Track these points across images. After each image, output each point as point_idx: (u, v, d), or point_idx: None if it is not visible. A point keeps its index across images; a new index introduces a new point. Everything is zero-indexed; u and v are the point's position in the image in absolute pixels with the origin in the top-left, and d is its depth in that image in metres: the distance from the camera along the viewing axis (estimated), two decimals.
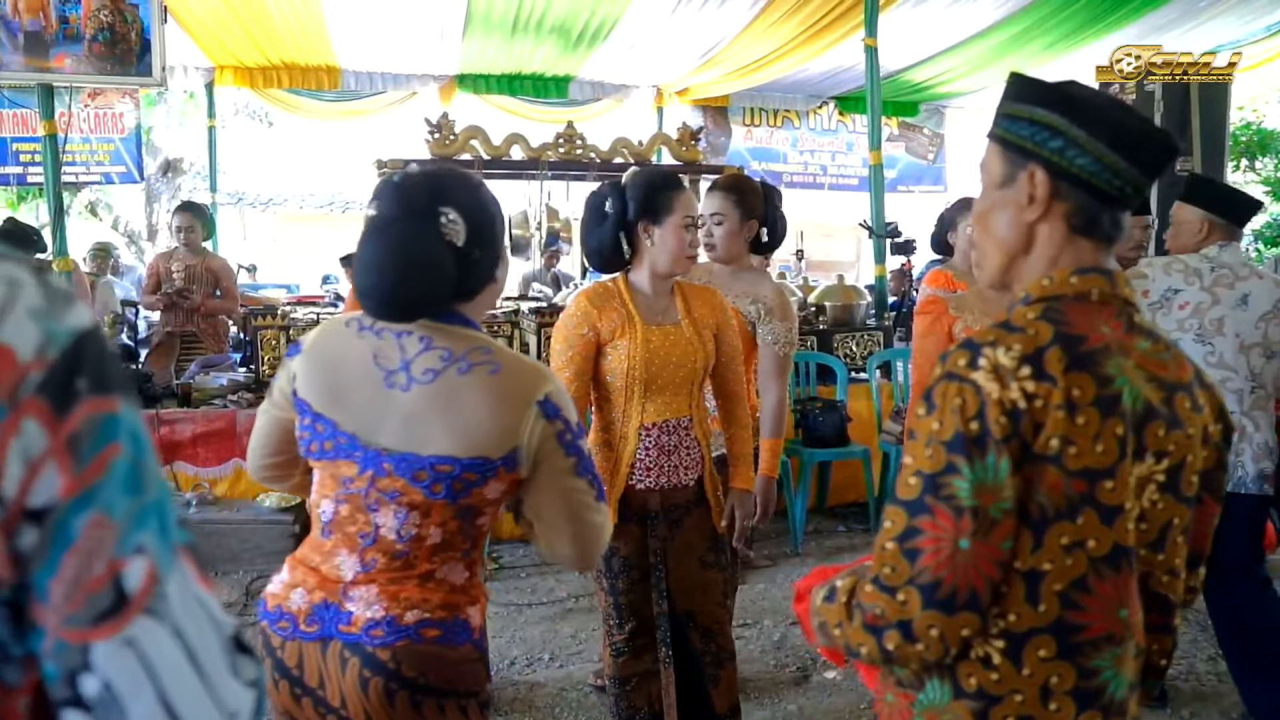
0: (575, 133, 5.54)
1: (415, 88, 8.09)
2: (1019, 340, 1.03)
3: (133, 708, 0.58)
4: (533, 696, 3.03)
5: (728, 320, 2.36)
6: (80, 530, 0.58)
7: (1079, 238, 1.10)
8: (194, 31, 6.50)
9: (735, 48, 7.03)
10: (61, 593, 0.57)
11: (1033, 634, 1.03)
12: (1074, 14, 6.25)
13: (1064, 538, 1.02)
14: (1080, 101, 1.09)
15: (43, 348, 0.57)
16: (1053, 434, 1.00)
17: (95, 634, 0.58)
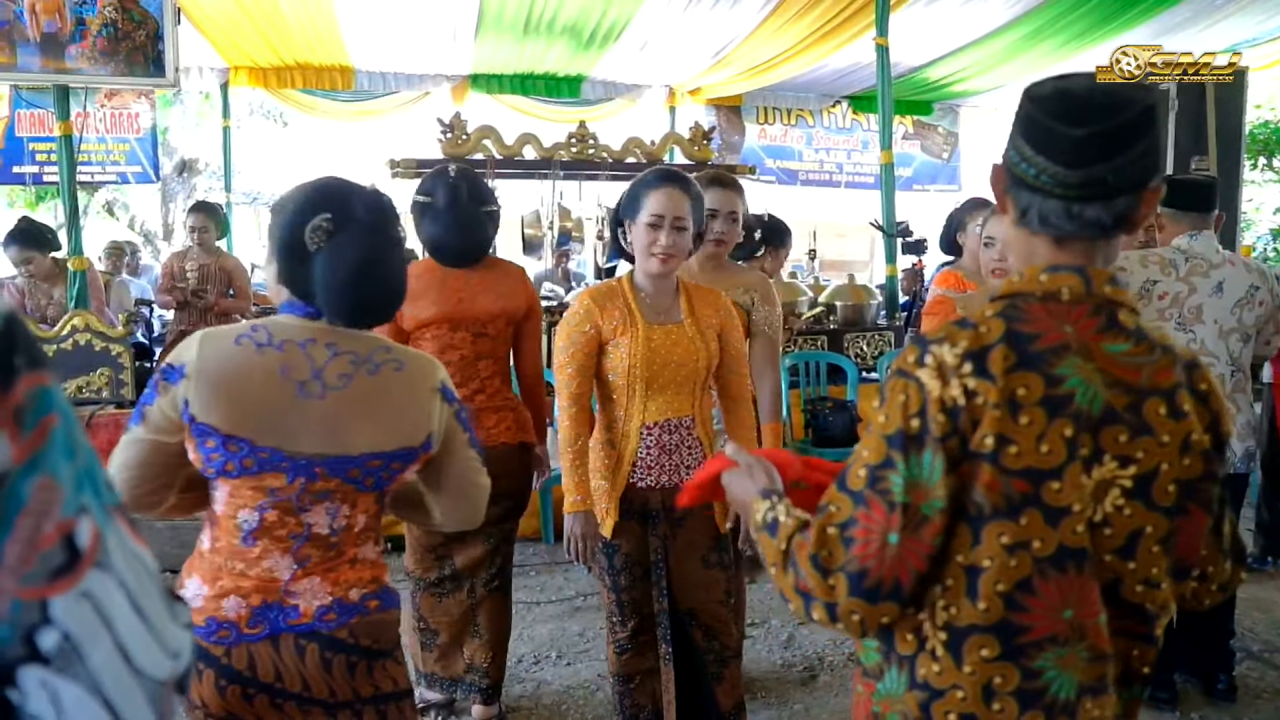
0: (587, 132, 5.56)
1: (428, 88, 8.13)
2: (967, 337, 1.04)
3: (92, 654, 0.62)
4: (540, 694, 3.04)
5: (732, 322, 2.36)
6: (30, 494, 0.61)
7: (1036, 235, 1.11)
8: (209, 33, 6.55)
9: (747, 47, 7.03)
10: (17, 553, 0.60)
11: (974, 631, 1.05)
12: (1087, 13, 6.22)
13: (1004, 536, 1.02)
14: (1024, 98, 1.11)
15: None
16: (988, 432, 1.01)
17: (52, 589, 0.61)
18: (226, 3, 5.96)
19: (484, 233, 2.67)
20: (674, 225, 2.19)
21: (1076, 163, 1.06)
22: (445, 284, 2.61)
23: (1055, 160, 1.07)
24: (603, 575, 2.34)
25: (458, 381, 2.57)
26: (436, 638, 2.73)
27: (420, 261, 2.70)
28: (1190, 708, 2.93)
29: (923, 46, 6.93)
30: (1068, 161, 1.06)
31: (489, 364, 2.66)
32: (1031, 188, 1.09)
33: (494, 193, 2.79)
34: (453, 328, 2.61)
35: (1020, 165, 1.09)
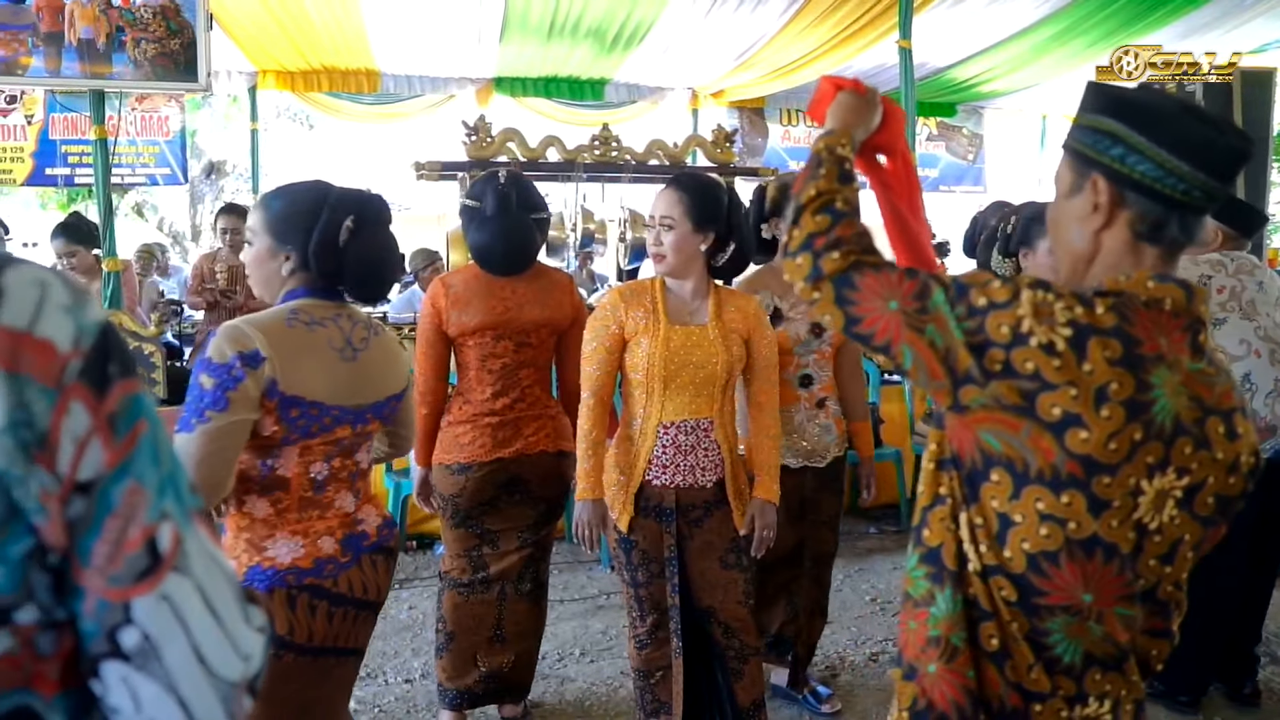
0: (611, 135, 5.58)
1: (453, 90, 8.18)
2: (1084, 309, 1.04)
3: (167, 654, 0.65)
4: (564, 691, 3.08)
5: (762, 330, 2.37)
6: (119, 498, 0.65)
7: (1144, 245, 1.11)
8: (238, 37, 6.64)
9: (770, 50, 7.04)
10: (104, 555, 0.64)
11: (998, 571, 1.10)
12: (1115, 13, 6.17)
13: (1040, 503, 1.06)
14: (1143, 107, 1.09)
15: (77, 339, 0.64)
16: (1059, 404, 1.02)
17: (135, 591, 0.65)
18: (256, 8, 6.03)
19: (532, 242, 2.63)
20: (662, 224, 2.28)
21: (1225, 179, 1.08)
22: (491, 292, 2.58)
23: (1212, 176, 1.07)
24: (621, 570, 2.38)
25: (499, 389, 2.61)
26: (451, 641, 2.68)
27: (467, 267, 2.67)
28: (1213, 711, 2.92)
29: (947, 48, 6.91)
30: (1220, 178, 1.08)
31: (530, 372, 2.64)
32: (1166, 200, 1.08)
33: (545, 199, 2.74)
34: (496, 337, 2.59)
35: (1167, 180, 1.07)
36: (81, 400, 0.63)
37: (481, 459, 2.57)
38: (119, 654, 0.65)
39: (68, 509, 0.63)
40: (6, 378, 0.60)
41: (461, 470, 2.57)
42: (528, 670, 2.79)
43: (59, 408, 0.62)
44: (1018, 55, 7.19)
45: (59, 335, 0.63)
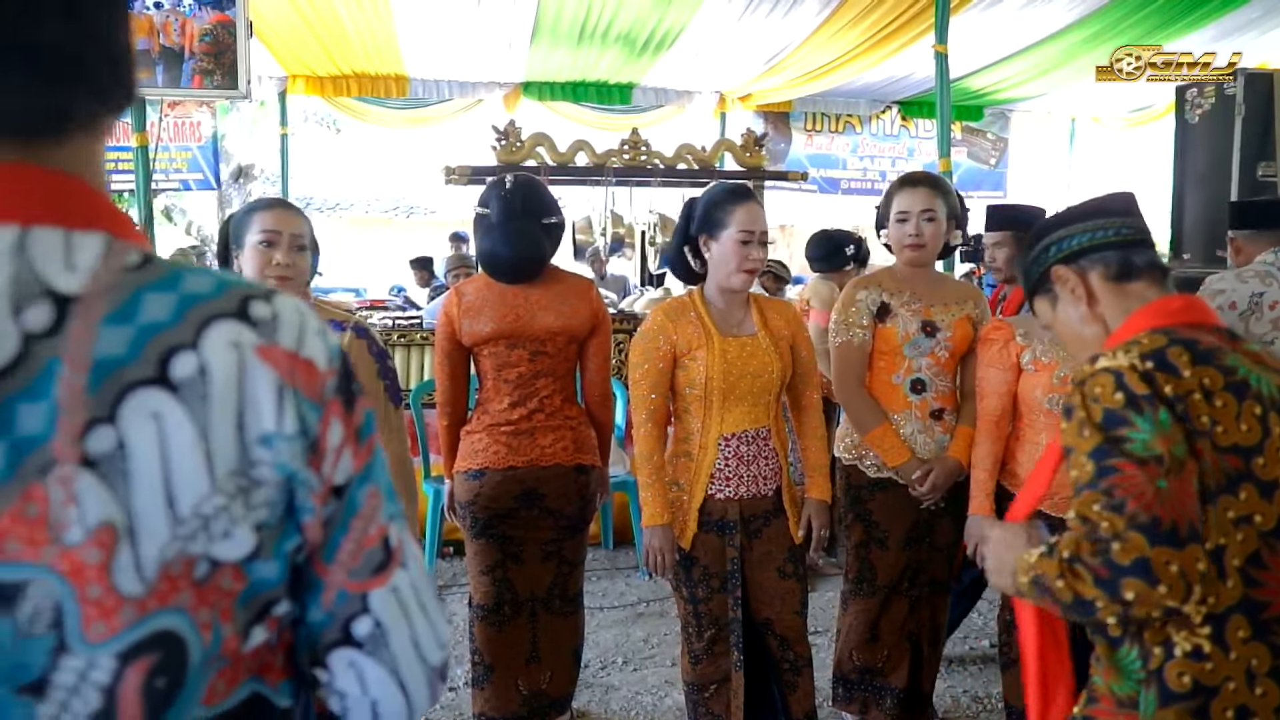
0: (640, 139, 5.59)
1: (481, 95, 8.21)
2: (1139, 346, 1.13)
3: (393, 640, 0.74)
4: (609, 700, 3.07)
5: (803, 334, 2.40)
6: (363, 500, 0.73)
7: (1126, 284, 1.27)
8: (270, 43, 6.69)
9: (800, 54, 7.02)
10: (349, 551, 0.72)
11: (1231, 612, 1.07)
12: (1149, 15, 6.12)
13: (1230, 511, 1.07)
14: (1051, 221, 1.34)
15: (330, 360, 0.71)
16: (1199, 412, 1.08)
17: (372, 584, 0.73)
18: (289, 14, 6.08)
19: (538, 248, 2.55)
20: (760, 240, 2.29)
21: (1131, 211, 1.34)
22: (503, 300, 2.53)
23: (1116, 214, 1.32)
24: (679, 586, 2.35)
25: (515, 399, 2.55)
26: (491, 673, 2.63)
27: (478, 275, 2.64)
28: None
29: (978, 51, 6.87)
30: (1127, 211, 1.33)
31: (548, 382, 2.57)
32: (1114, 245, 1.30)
33: (557, 204, 2.66)
34: (510, 345, 2.54)
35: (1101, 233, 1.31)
36: (337, 414, 0.71)
37: (494, 465, 2.53)
38: (351, 641, 0.73)
39: (325, 509, 0.71)
40: (290, 392, 0.68)
41: (475, 476, 2.55)
42: (569, 682, 2.76)
43: (324, 420, 0.70)
44: (1051, 57, 7.13)
45: (319, 356, 0.70)
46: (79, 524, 0.61)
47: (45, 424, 0.61)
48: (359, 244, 14.62)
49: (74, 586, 0.62)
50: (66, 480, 0.61)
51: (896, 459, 2.51)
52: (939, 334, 2.61)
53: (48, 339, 0.62)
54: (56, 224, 0.65)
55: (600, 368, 2.68)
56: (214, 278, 0.69)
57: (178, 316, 0.65)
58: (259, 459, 0.66)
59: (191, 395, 0.64)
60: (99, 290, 0.64)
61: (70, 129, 0.66)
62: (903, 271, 2.63)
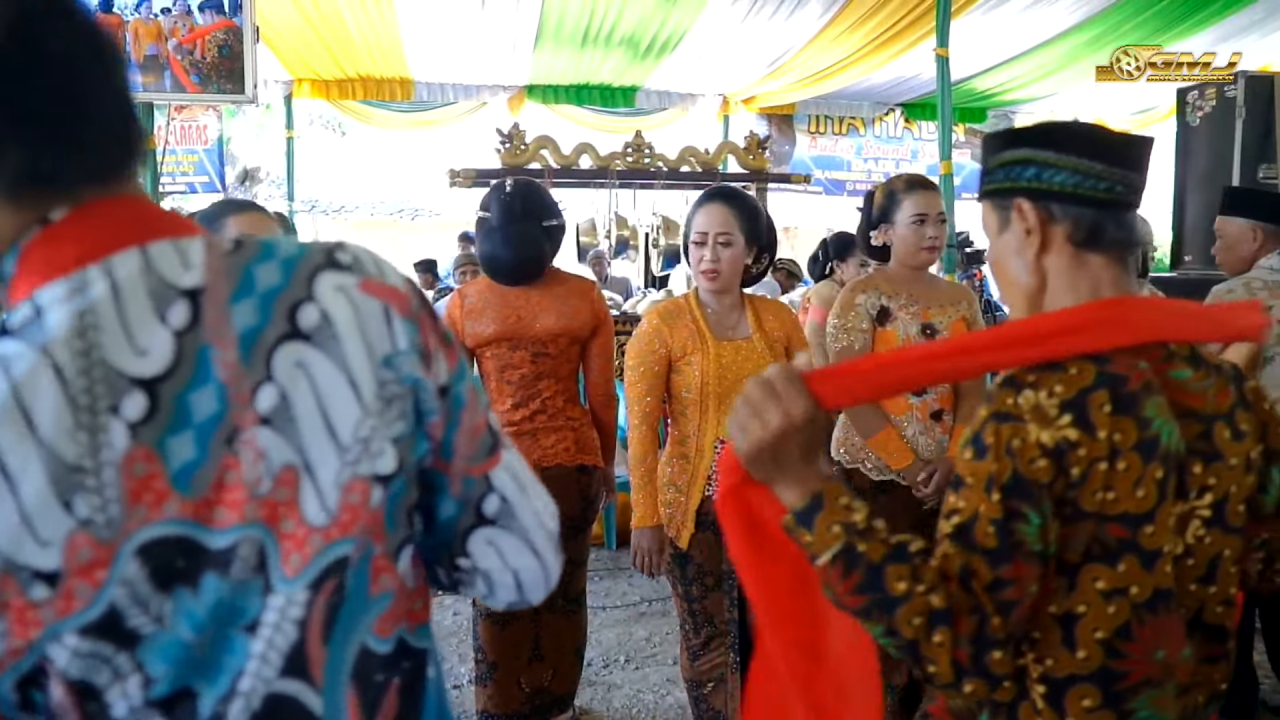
0: (643, 142, 5.61)
1: (485, 98, 8.25)
2: (1061, 382, 0.99)
3: (520, 511, 0.83)
4: (611, 698, 3.10)
5: (799, 335, 2.41)
6: (465, 395, 0.82)
7: (1088, 253, 1.09)
8: (275, 47, 6.73)
9: (803, 56, 7.04)
10: (464, 441, 0.82)
11: (1074, 681, 1.00)
12: (1153, 17, 6.13)
13: (1100, 582, 0.99)
14: (1040, 130, 1.11)
15: (405, 282, 0.81)
16: (1096, 487, 0.97)
17: (489, 464, 0.83)
18: (294, 17, 6.12)
19: (538, 250, 2.58)
20: (717, 241, 2.27)
21: (1138, 168, 1.09)
22: (504, 301, 2.57)
23: (1127, 167, 1.08)
24: (675, 585, 2.38)
25: (518, 401, 2.58)
26: (494, 671, 2.65)
27: (481, 277, 2.67)
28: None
29: (981, 53, 6.88)
30: (1134, 167, 1.09)
31: (550, 383, 2.61)
32: (1093, 201, 1.07)
33: (557, 206, 2.70)
34: (512, 347, 2.57)
35: (1087, 182, 1.07)
36: (428, 325, 0.81)
37: None
38: (484, 521, 0.82)
39: (440, 406, 0.80)
40: (395, 314, 0.78)
41: None
42: (571, 680, 2.79)
43: (421, 331, 0.80)
44: (1053, 60, 7.15)
45: (398, 281, 0.81)
46: (267, 475, 0.72)
47: (219, 402, 0.71)
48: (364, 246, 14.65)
49: (271, 528, 0.72)
50: (251, 441, 0.72)
51: (901, 462, 2.52)
52: (938, 336, 2.63)
53: (192, 331, 0.72)
54: (164, 237, 0.75)
55: (603, 369, 2.71)
56: (289, 244, 0.80)
57: (287, 278, 0.75)
58: (388, 378, 0.77)
59: (324, 339, 0.75)
60: (217, 277, 0.74)
61: (131, 172, 0.78)
62: (899, 274, 2.63)
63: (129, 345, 0.69)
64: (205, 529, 0.70)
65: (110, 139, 0.74)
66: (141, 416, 0.69)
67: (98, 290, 0.70)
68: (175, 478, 0.69)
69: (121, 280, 0.71)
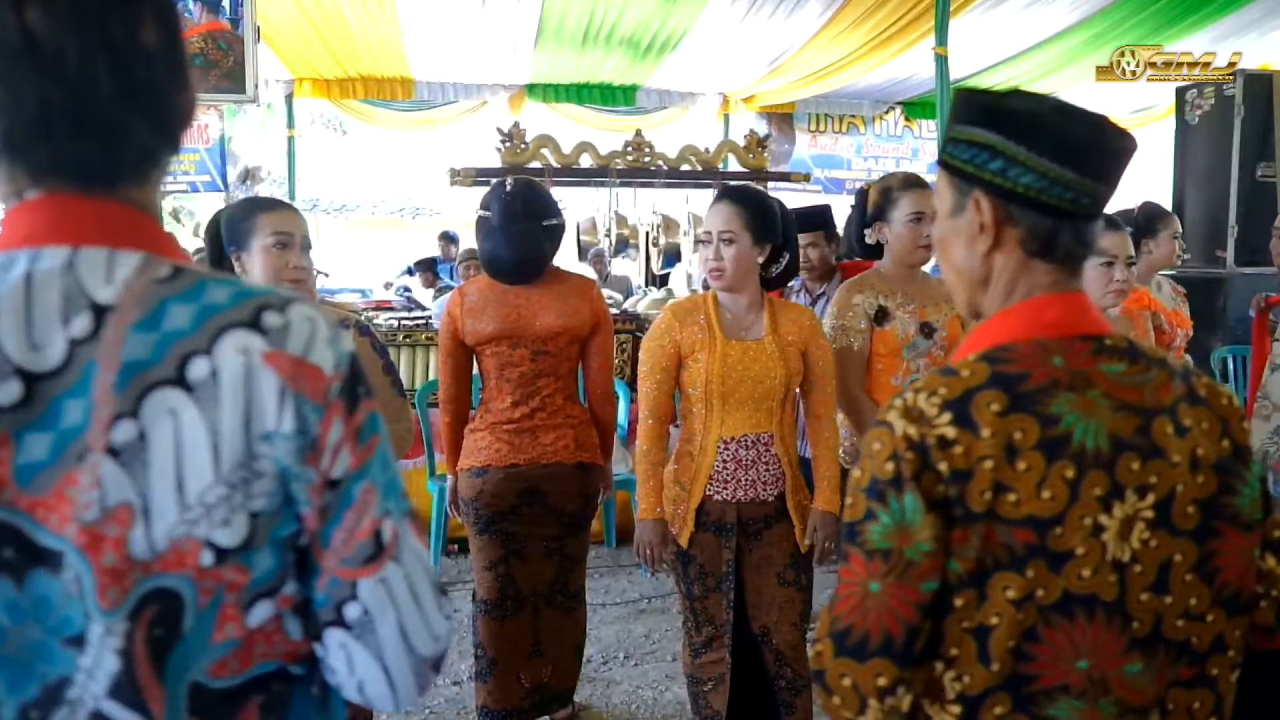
0: (644, 141, 5.63)
1: (486, 97, 8.27)
2: (946, 384, 0.97)
3: (380, 627, 0.79)
4: (610, 695, 3.11)
5: (818, 340, 2.36)
6: (358, 495, 0.78)
7: (1036, 261, 1.03)
8: (277, 46, 6.75)
9: (803, 55, 7.06)
10: (341, 540, 0.78)
11: (989, 693, 0.97)
12: (1152, 15, 6.14)
13: (1009, 590, 0.95)
14: (1018, 115, 1.01)
15: (337, 365, 0.78)
16: (984, 486, 0.94)
17: (362, 573, 0.78)
18: (295, 17, 6.14)
19: (538, 249, 2.60)
20: (721, 239, 2.27)
21: (1110, 180, 1.02)
22: (504, 300, 2.58)
23: (1098, 179, 1.01)
24: (679, 583, 2.39)
25: (518, 398, 2.59)
26: (494, 667, 2.65)
27: (481, 276, 2.68)
28: None
29: (981, 52, 6.89)
30: (1109, 177, 1.02)
31: (550, 381, 2.62)
32: (1055, 211, 1.01)
33: (557, 205, 2.70)
34: (512, 345, 2.58)
35: (1053, 190, 1.00)
36: (339, 415, 0.77)
37: (497, 463, 2.57)
38: (342, 623, 0.79)
39: (322, 499, 0.77)
40: (291, 395, 0.75)
41: (479, 474, 2.59)
42: (570, 676, 2.80)
43: (325, 420, 0.77)
44: (1053, 59, 7.16)
45: (325, 362, 0.77)
46: (98, 504, 0.71)
47: (84, 417, 0.72)
48: (365, 246, 14.69)
49: (89, 558, 0.71)
50: (94, 467, 0.71)
51: None
52: (936, 334, 2.64)
53: (88, 343, 0.72)
54: (102, 244, 0.75)
55: (602, 367, 2.72)
56: (234, 289, 0.77)
57: (196, 325, 0.74)
58: (260, 454, 0.74)
59: (205, 395, 0.73)
60: (131, 300, 0.74)
61: (120, 180, 0.77)
62: (893, 273, 2.63)
63: (25, 337, 0.72)
64: (37, 525, 0.71)
65: (91, 144, 0.74)
66: (12, 404, 0.71)
67: (15, 274, 0.73)
68: (19, 471, 0.71)
69: (39, 272, 0.73)
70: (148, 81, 0.76)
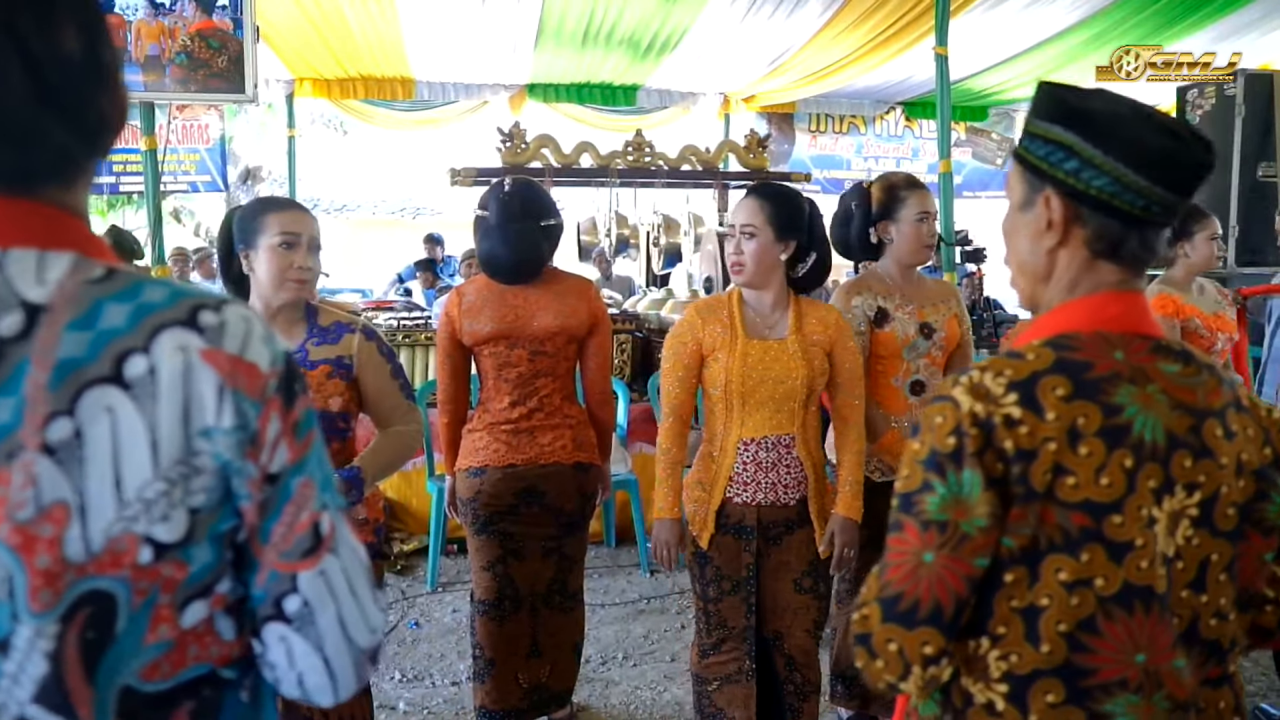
0: (644, 141, 5.63)
1: (486, 97, 8.26)
2: (1012, 366, 0.99)
3: (320, 619, 0.80)
4: (608, 695, 3.11)
5: (845, 342, 2.30)
6: (295, 489, 0.80)
7: (1101, 262, 1.05)
8: (277, 46, 6.75)
9: (803, 55, 7.05)
10: (280, 534, 0.79)
11: (1037, 676, 0.98)
12: (1152, 15, 6.13)
13: (1062, 572, 0.97)
14: (1097, 117, 1.01)
15: (273, 362, 0.79)
16: (1045, 466, 0.96)
17: (301, 565, 0.80)
18: (296, 17, 6.13)
19: (536, 250, 2.59)
20: (742, 232, 2.25)
21: (1185, 192, 1.02)
22: (502, 300, 2.58)
23: (1171, 190, 1.01)
24: (694, 582, 2.37)
25: (516, 398, 2.59)
26: (492, 667, 2.66)
27: (479, 276, 2.68)
28: None
29: (982, 52, 6.88)
30: (1180, 191, 1.02)
31: (548, 381, 2.62)
32: (1124, 216, 1.02)
33: (555, 205, 2.70)
34: (510, 345, 2.58)
35: (1125, 196, 1.01)
36: (276, 410, 0.79)
37: (495, 463, 2.57)
38: (282, 617, 0.80)
39: (261, 494, 0.78)
40: (230, 391, 0.76)
41: (476, 473, 2.59)
42: (569, 676, 2.80)
43: (264, 415, 0.78)
44: (1053, 58, 7.14)
45: (261, 359, 0.78)
46: (33, 503, 0.71)
47: (14, 416, 0.71)
48: (366, 245, 14.70)
49: (22, 558, 0.71)
50: (28, 465, 0.71)
51: None
52: (935, 334, 2.63)
53: (19, 342, 0.72)
54: (31, 245, 0.75)
55: (600, 367, 2.72)
56: (169, 289, 0.78)
57: (133, 324, 0.74)
58: (199, 449, 0.75)
59: (142, 393, 0.73)
60: (64, 300, 0.74)
61: (37, 181, 0.76)
62: (891, 274, 2.62)
63: None
64: None
65: (6, 147, 0.74)
66: None
67: None
68: None
69: None
70: (65, 84, 0.75)
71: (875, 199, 2.66)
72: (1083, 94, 1.05)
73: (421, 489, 4.29)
